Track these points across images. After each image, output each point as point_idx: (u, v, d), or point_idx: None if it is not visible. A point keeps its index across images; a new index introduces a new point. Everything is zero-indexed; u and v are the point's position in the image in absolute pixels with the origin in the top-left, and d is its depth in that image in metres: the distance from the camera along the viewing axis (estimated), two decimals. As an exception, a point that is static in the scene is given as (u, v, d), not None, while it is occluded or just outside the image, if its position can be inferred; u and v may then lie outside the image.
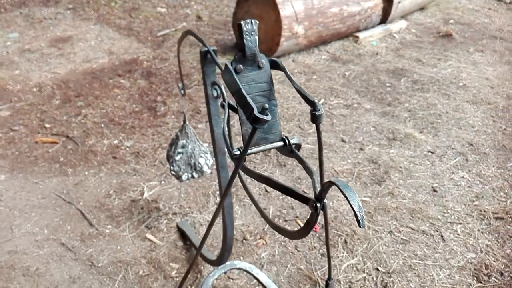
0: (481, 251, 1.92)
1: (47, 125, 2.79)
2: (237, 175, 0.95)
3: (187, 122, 1.75)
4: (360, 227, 0.68)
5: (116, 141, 2.68)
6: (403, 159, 2.53)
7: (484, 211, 2.14)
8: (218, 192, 2.28)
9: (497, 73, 3.77)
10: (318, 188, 0.80)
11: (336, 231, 2.03)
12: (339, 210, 2.15)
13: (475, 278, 1.79)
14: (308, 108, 3.08)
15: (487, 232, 2.02)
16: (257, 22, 0.91)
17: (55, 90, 3.20)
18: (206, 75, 1.29)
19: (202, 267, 1.87)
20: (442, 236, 2.00)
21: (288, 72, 0.97)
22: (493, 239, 1.98)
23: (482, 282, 1.78)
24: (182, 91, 1.71)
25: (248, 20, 0.90)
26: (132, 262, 1.89)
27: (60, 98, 3.11)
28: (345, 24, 4.01)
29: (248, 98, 0.80)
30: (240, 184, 1.44)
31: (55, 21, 4.33)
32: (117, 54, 3.81)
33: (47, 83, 3.29)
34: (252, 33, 0.90)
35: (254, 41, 0.91)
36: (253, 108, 0.78)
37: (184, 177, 1.75)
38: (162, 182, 2.35)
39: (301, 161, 0.93)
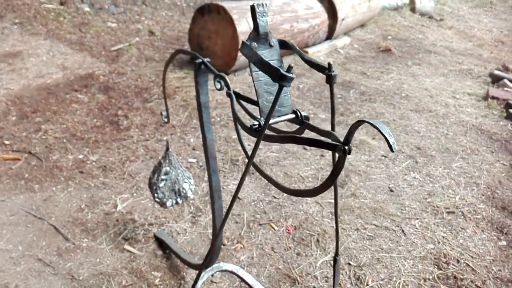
0: (439, 242, 2.13)
1: (7, 142, 2.70)
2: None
3: (170, 149, 1.80)
4: (392, 151, 0.78)
5: (81, 156, 2.66)
6: (360, 163, 2.73)
7: (437, 206, 2.38)
8: (192, 202, 2.34)
9: (434, 84, 4.15)
10: (341, 138, 0.88)
11: (308, 231, 2.16)
12: (309, 212, 2.29)
13: (436, 266, 2.00)
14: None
15: (442, 225, 2.25)
16: (267, 4, 1.02)
17: (10, 107, 3.11)
18: (199, 85, 1.38)
19: (184, 273, 1.93)
20: (403, 230, 2.20)
21: (298, 49, 1.09)
22: (448, 231, 2.21)
23: (442, 269, 1.98)
24: (166, 119, 1.76)
25: (260, 3, 1.01)
26: (114, 273, 1.90)
27: (16, 114, 3.02)
28: (296, 40, 4.23)
29: (271, 63, 0.91)
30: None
31: (2, 36, 4.18)
32: (71, 69, 3.75)
33: (1, 99, 3.18)
34: (264, 14, 1.02)
35: (266, 21, 1.02)
36: (278, 69, 0.88)
37: (168, 203, 1.79)
38: (134, 194, 2.37)
39: (313, 128, 1.04)
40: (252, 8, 1.01)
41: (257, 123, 1.01)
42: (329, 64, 1.02)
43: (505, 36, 5.72)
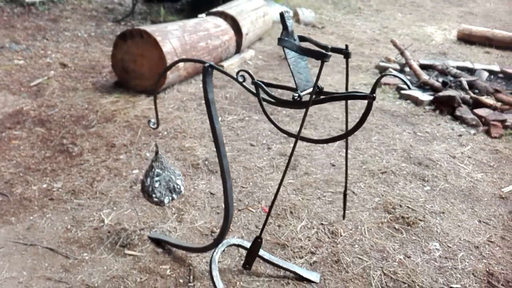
0: (382, 195, 2.65)
1: (-40, 185, 2.63)
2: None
3: (160, 152, 2.03)
4: (409, 88, 1.19)
5: (45, 185, 2.70)
6: (302, 149, 3.18)
7: (372, 170, 2.92)
8: (172, 204, 2.56)
9: (335, 80, 4.82)
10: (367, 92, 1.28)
11: (281, 207, 2.53)
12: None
13: (386, 212, 2.50)
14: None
15: (380, 183, 2.78)
16: (290, 11, 1.42)
17: None
18: (207, 84, 1.67)
19: (190, 260, 2.16)
20: (353, 192, 2.68)
21: (314, 40, 1.47)
22: (386, 186, 2.75)
23: (392, 213, 2.49)
24: (154, 126, 1.99)
25: (285, 10, 1.39)
26: (125, 275, 2.06)
27: (-44, 158, 2.92)
28: (212, 56, 4.60)
29: (312, 48, 1.28)
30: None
31: None
32: (-5, 108, 3.66)
33: None
34: (289, 18, 1.43)
35: (291, 23, 1.43)
36: (320, 50, 1.26)
37: (166, 200, 2.01)
38: (114, 208, 2.52)
39: (331, 93, 1.43)
40: (282, 15, 1.38)
41: (296, 95, 1.37)
42: (346, 46, 1.42)
43: (377, 35, 6.75)
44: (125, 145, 3.20)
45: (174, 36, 4.06)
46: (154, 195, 1.99)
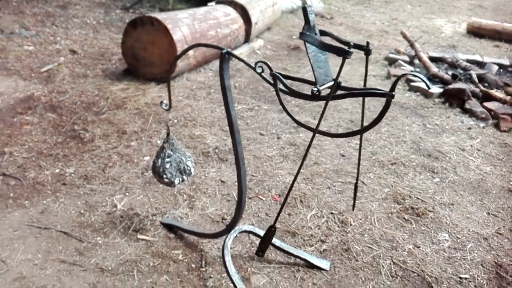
0: (392, 186, 2.67)
1: (-25, 168, 2.67)
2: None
3: (171, 134, 2.05)
4: (428, 88, 1.20)
5: (57, 170, 2.73)
6: (312, 139, 3.19)
7: (381, 161, 2.93)
8: (182, 191, 2.59)
9: (345, 71, 4.80)
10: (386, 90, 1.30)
11: (291, 196, 2.55)
12: (286, 181, 2.68)
13: (396, 203, 2.52)
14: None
15: (390, 174, 2.79)
16: (312, 5, 1.42)
17: (-41, 136, 3.01)
18: (223, 71, 1.68)
19: (201, 246, 2.19)
20: (363, 182, 2.70)
21: (334, 34, 1.48)
22: (393, 177, 2.76)
23: (401, 204, 2.51)
24: (166, 107, 2.01)
25: (308, 4, 1.39)
26: (138, 259, 2.09)
27: (-31, 142, 2.95)
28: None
29: (334, 44, 1.29)
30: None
31: None
32: (7, 94, 3.68)
33: None
34: (311, 12, 1.42)
35: (313, 17, 1.42)
36: (342, 48, 1.27)
37: (176, 181, 2.03)
38: (127, 194, 2.55)
39: (349, 89, 1.44)
40: (304, 9, 1.39)
41: (316, 89, 1.38)
42: (367, 42, 1.43)
43: (387, 27, 6.71)
44: (136, 132, 3.22)
45: (184, 24, 4.06)
46: (165, 176, 2.01)
